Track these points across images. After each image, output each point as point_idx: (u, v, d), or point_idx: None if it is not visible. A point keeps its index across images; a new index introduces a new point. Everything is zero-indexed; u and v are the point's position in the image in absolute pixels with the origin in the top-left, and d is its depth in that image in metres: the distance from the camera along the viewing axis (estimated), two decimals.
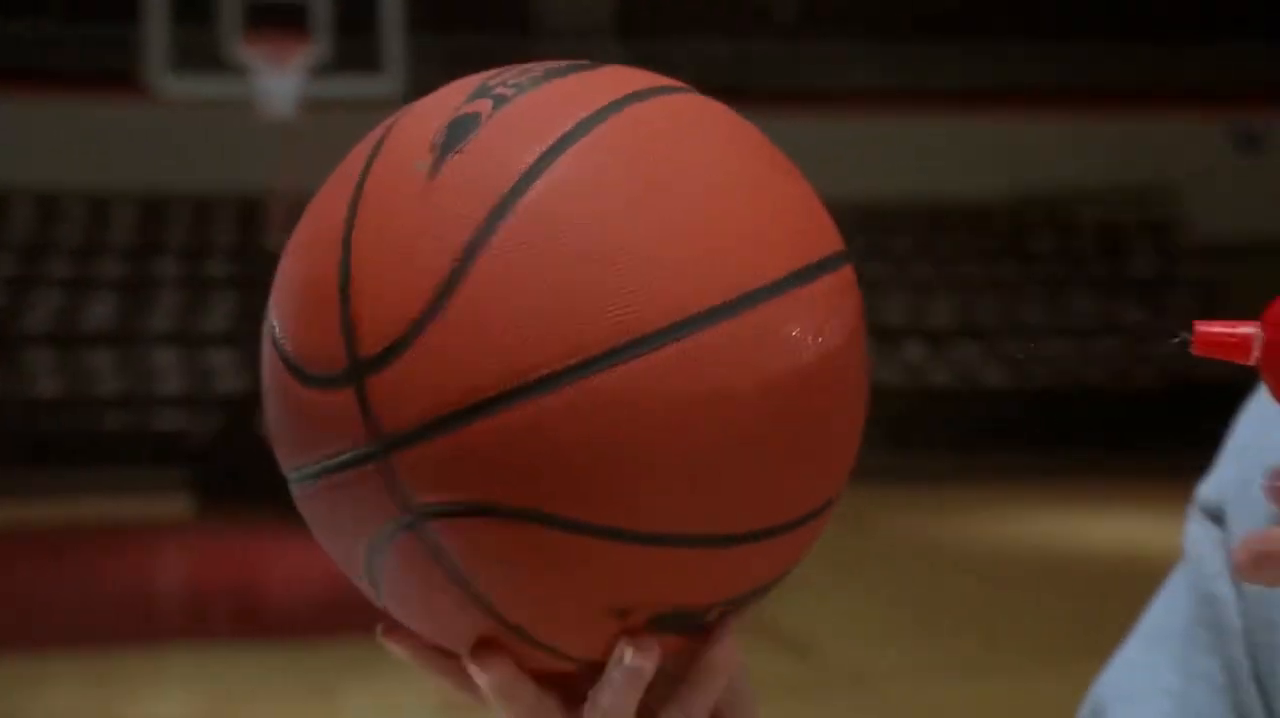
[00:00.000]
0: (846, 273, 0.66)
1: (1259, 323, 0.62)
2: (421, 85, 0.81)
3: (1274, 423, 0.84)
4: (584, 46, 20.28)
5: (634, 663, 0.65)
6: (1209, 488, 0.88)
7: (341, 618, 8.41)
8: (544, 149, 0.63)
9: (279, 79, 13.13)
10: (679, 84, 0.68)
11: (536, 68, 0.67)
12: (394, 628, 0.69)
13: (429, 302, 0.60)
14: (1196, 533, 0.89)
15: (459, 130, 0.64)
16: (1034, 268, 19.98)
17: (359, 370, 0.61)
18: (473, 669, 0.67)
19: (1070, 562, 10.31)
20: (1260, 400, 0.83)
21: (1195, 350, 0.62)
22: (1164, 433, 15.05)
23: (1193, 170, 20.09)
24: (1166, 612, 0.89)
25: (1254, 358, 0.61)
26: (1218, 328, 0.62)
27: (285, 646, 8.13)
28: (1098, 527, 11.98)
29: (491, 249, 0.60)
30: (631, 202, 0.62)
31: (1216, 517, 0.88)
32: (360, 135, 0.68)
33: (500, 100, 0.65)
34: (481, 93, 0.65)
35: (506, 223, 0.61)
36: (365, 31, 14.03)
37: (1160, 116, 20.16)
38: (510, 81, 0.66)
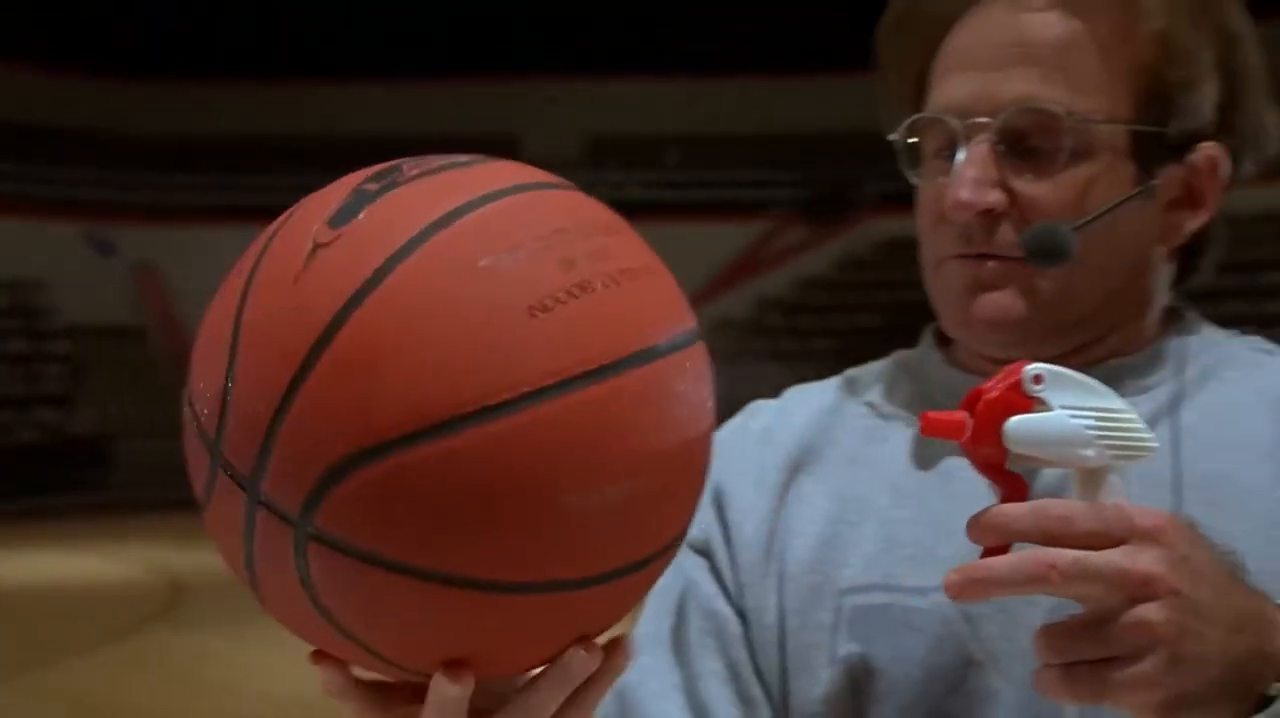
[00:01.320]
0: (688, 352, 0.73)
1: (965, 411, 0.77)
2: None
3: (739, 474, 1.04)
4: None
5: (578, 666, 0.74)
6: (694, 528, 0.93)
7: None
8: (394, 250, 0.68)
9: None
10: (548, 180, 0.75)
11: (434, 160, 0.74)
12: (324, 656, 0.75)
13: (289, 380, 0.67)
14: (689, 564, 1.05)
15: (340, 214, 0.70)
16: None
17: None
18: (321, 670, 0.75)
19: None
20: (723, 453, 0.87)
21: (923, 432, 0.77)
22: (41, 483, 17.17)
23: (60, 267, 23.46)
24: (658, 622, 1.04)
25: (965, 436, 0.76)
26: (939, 415, 0.77)
27: None
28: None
29: (351, 325, 0.66)
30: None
31: (703, 551, 1.04)
32: None
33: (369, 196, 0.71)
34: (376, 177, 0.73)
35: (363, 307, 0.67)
36: None
37: (29, 222, 23.68)
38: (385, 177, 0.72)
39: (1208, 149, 0.99)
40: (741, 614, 1.04)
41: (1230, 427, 0.98)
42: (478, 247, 0.70)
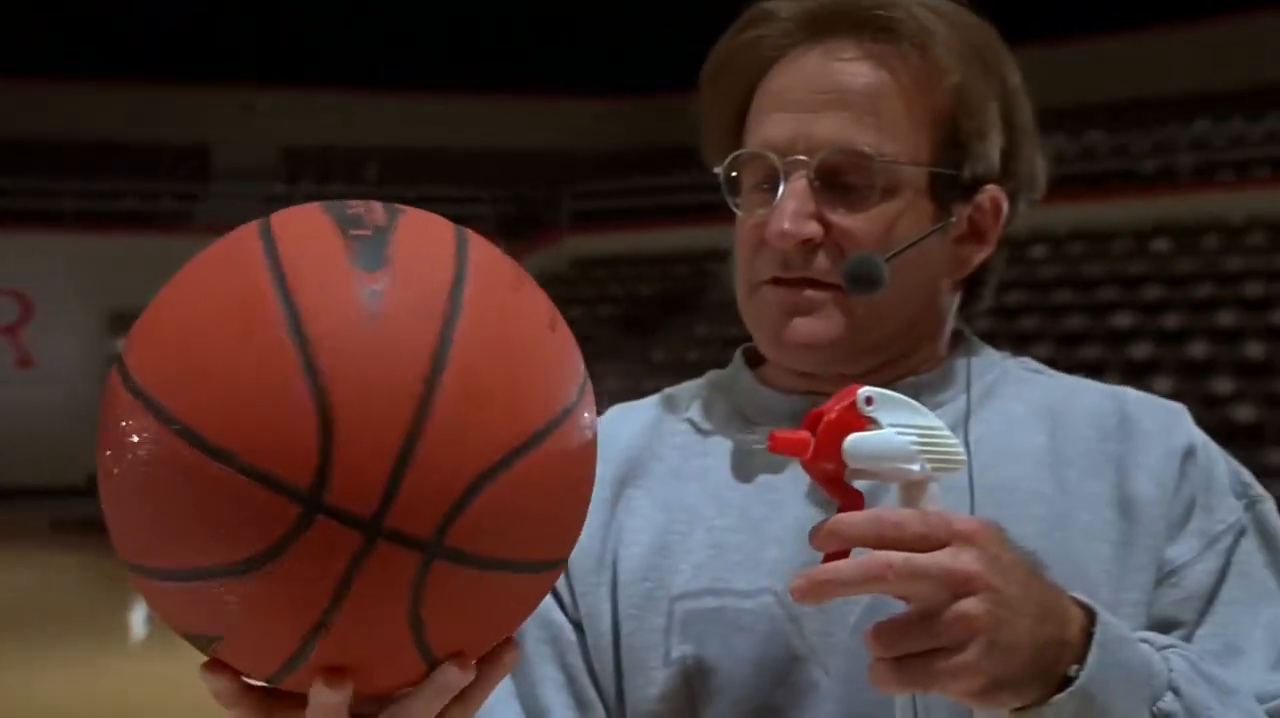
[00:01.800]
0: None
1: (807, 431, 0.85)
2: None
3: None
4: None
5: (455, 679, 0.77)
6: None
7: None
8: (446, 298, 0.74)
9: None
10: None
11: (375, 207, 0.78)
12: (216, 665, 0.78)
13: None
14: None
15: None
16: None
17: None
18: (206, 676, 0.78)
19: None
20: None
21: (770, 449, 0.85)
22: None
23: None
24: None
25: (808, 453, 0.84)
26: (785, 434, 0.84)
27: None
28: None
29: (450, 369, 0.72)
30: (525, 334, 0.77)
31: None
32: None
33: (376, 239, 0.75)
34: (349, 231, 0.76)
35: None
36: None
37: None
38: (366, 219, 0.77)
39: (992, 191, 1.09)
40: (576, 622, 1.09)
41: (1011, 439, 1.08)
42: (497, 275, 0.79)
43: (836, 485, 0.86)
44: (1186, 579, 1.04)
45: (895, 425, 0.87)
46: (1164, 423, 1.09)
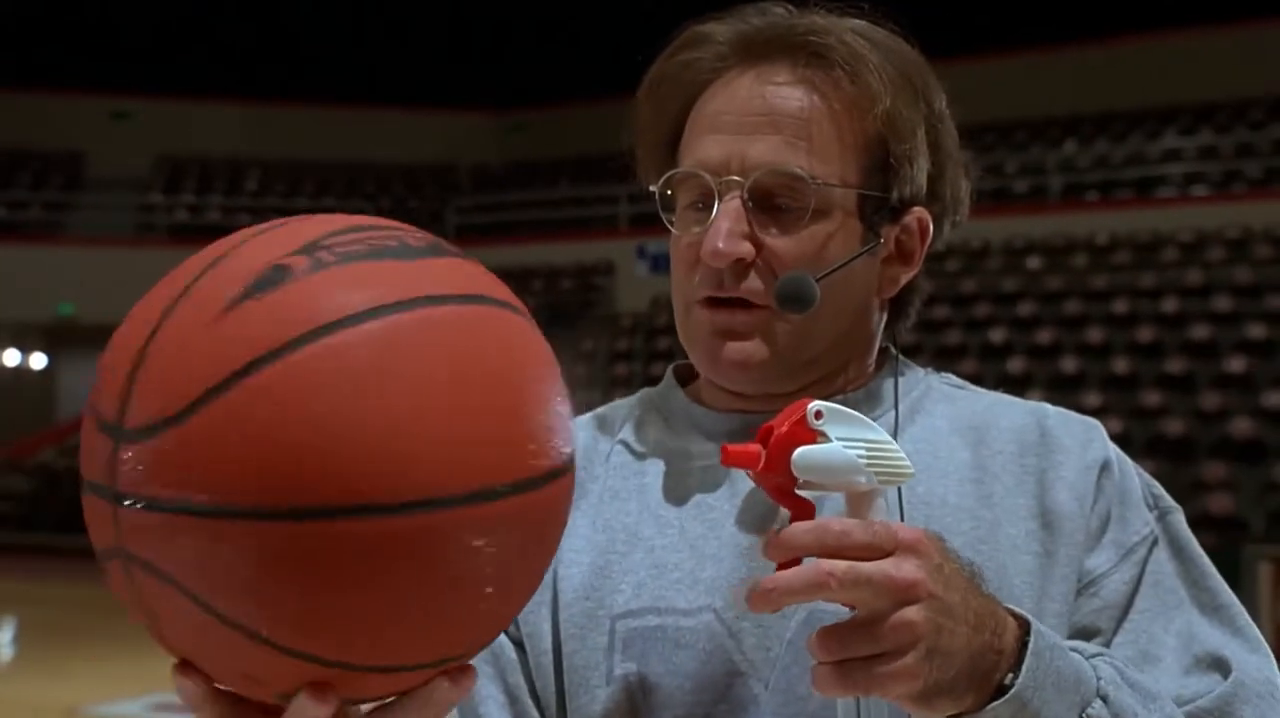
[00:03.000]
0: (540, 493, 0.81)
1: (759, 444, 0.87)
2: None
3: None
4: None
5: (452, 693, 0.77)
6: None
7: None
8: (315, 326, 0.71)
9: None
10: (492, 295, 0.81)
11: (375, 236, 0.81)
12: (188, 667, 0.76)
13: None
14: None
15: (265, 282, 0.72)
16: None
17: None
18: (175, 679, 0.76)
19: None
20: None
21: (723, 463, 0.87)
22: None
23: None
24: None
25: (760, 466, 0.86)
26: (737, 448, 0.86)
27: None
28: None
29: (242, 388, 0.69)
30: (378, 393, 0.71)
31: None
32: None
33: (318, 264, 0.74)
34: (307, 250, 0.75)
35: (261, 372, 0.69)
36: None
37: None
38: (338, 248, 0.76)
39: (919, 213, 1.11)
40: (518, 641, 1.10)
41: (937, 455, 1.11)
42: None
43: (787, 496, 0.88)
44: (1104, 589, 1.07)
45: (843, 439, 0.89)
46: (1081, 438, 1.12)
